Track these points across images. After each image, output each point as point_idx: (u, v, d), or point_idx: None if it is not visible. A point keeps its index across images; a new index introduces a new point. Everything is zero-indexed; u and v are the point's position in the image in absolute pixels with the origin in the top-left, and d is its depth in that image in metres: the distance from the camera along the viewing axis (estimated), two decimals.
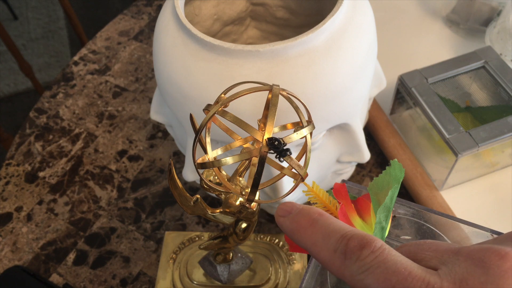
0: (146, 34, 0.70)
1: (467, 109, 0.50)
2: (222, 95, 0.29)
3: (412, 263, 0.18)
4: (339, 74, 0.35)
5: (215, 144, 0.38)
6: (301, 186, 0.28)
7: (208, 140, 0.30)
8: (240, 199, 0.32)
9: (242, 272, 0.41)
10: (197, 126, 0.30)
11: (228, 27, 0.51)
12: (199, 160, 0.29)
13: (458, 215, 0.47)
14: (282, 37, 0.53)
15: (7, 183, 0.55)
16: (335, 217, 0.22)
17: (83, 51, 0.69)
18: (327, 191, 0.28)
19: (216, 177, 0.32)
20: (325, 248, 0.20)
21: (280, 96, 0.27)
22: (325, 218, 0.21)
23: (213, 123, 0.30)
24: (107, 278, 0.47)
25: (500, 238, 0.19)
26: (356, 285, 0.18)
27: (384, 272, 0.17)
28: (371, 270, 0.18)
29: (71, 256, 0.49)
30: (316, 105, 0.35)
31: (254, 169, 0.31)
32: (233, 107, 0.32)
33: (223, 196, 0.32)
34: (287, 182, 0.38)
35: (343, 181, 0.31)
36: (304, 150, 0.30)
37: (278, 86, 0.27)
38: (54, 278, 0.48)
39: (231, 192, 0.31)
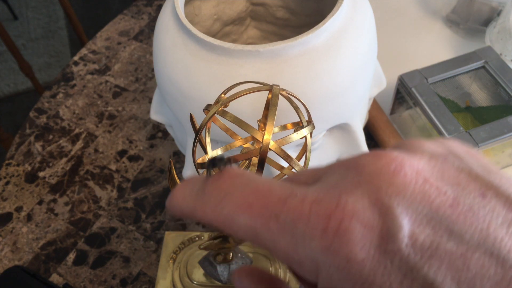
0: (146, 34, 0.70)
1: (467, 109, 0.50)
2: (222, 95, 0.29)
3: (276, 181, 0.16)
4: (339, 74, 0.35)
5: (215, 144, 0.38)
6: None
7: (208, 140, 0.30)
8: None
9: None
10: (197, 126, 0.30)
11: (228, 27, 0.51)
12: (199, 160, 0.29)
13: None
14: (282, 37, 0.53)
15: (7, 183, 0.55)
16: None
17: (83, 51, 0.69)
18: None
19: None
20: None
21: (280, 96, 0.27)
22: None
23: (213, 123, 0.30)
24: (107, 278, 0.47)
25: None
26: (217, 219, 0.16)
27: (242, 195, 0.15)
28: (228, 197, 0.15)
29: (71, 256, 0.49)
30: (316, 105, 0.35)
31: (254, 169, 0.31)
32: (233, 107, 0.32)
33: None
34: None
35: None
36: (304, 150, 0.30)
37: (278, 86, 0.27)
38: (54, 278, 0.48)
39: None
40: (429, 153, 0.15)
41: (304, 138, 0.28)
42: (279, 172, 0.31)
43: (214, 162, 0.16)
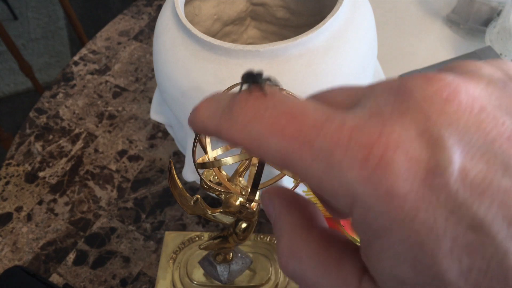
0: (146, 34, 0.70)
1: None
2: None
3: (312, 103, 0.14)
4: (339, 74, 0.35)
5: (215, 144, 0.38)
6: (301, 186, 0.28)
7: (208, 140, 0.30)
8: (240, 199, 0.32)
9: (242, 272, 0.41)
10: None
11: (228, 27, 0.51)
12: (199, 160, 0.29)
13: None
14: (282, 37, 0.53)
15: (7, 183, 0.55)
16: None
17: (83, 51, 0.69)
18: None
19: (216, 177, 0.32)
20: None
21: None
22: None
23: None
24: (107, 278, 0.47)
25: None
26: (245, 140, 0.14)
27: (274, 115, 0.14)
28: (259, 117, 0.14)
29: (71, 256, 0.49)
30: None
31: (254, 169, 0.31)
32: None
33: (223, 196, 0.32)
34: (287, 182, 0.38)
35: None
36: None
37: (278, 86, 0.27)
38: (54, 278, 0.48)
39: (231, 192, 0.31)
40: (487, 78, 0.13)
41: None
42: (279, 172, 0.31)
43: (253, 76, 0.15)
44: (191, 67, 0.35)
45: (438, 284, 0.11)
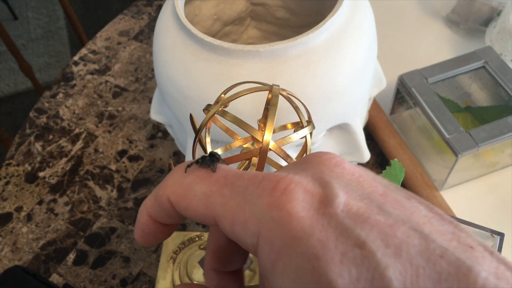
0: (146, 34, 0.70)
1: (467, 109, 0.50)
2: (222, 95, 0.29)
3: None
4: (339, 74, 0.35)
5: (215, 144, 0.38)
6: None
7: (208, 140, 0.30)
8: None
9: None
10: (197, 126, 0.30)
11: (228, 27, 0.51)
12: None
13: (458, 215, 0.47)
14: (282, 37, 0.53)
15: (7, 183, 0.55)
16: None
17: (83, 51, 0.69)
18: None
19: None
20: None
21: (280, 96, 0.27)
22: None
23: (213, 123, 0.30)
24: (107, 278, 0.47)
25: None
26: (176, 191, 0.18)
27: (204, 173, 0.18)
28: (193, 173, 0.18)
29: (71, 256, 0.49)
30: (316, 105, 0.35)
31: (254, 169, 0.31)
32: (233, 107, 0.32)
33: None
34: None
35: None
36: (304, 150, 0.30)
37: (278, 86, 0.27)
38: (54, 278, 0.48)
39: None
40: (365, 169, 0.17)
41: (304, 138, 0.28)
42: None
43: (213, 158, 0.18)
44: (191, 67, 0.35)
45: None
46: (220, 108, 0.27)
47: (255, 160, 0.31)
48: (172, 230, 0.21)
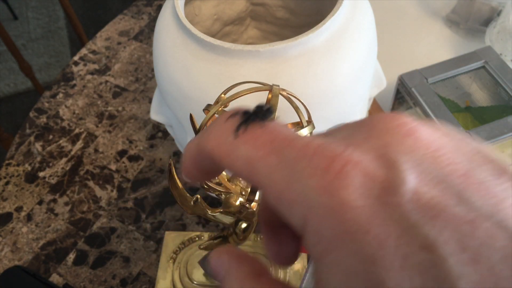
0: (146, 34, 0.70)
1: (467, 109, 0.50)
2: (222, 95, 0.29)
3: (287, 128, 0.15)
4: (339, 74, 0.35)
5: None
6: None
7: None
8: (240, 199, 0.32)
9: None
10: (197, 126, 0.30)
11: (228, 27, 0.51)
12: None
13: None
14: (282, 37, 0.53)
15: (7, 183, 0.55)
16: None
17: (83, 51, 0.69)
18: None
19: (216, 177, 0.32)
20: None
21: (280, 96, 0.27)
22: None
23: None
24: (107, 278, 0.47)
25: None
26: (218, 148, 0.15)
27: (249, 130, 0.15)
28: (245, 141, 0.15)
29: (71, 256, 0.49)
30: (316, 105, 0.35)
31: None
32: (233, 107, 0.32)
33: (223, 196, 0.32)
34: None
35: None
36: None
37: (278, 86, 0.27)
38: (54, 278, 0.48)
39: (231, 192, 0.31)
40: (447, 131, 0.14)
41: None
42: None
43: (261, 113, 0.16)
44: (191, 67, 0.35)
45: None
46: (220, 108, 0.27)
47: None
48: (221, 171, 0.18)
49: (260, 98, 0.32)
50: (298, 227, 0.13)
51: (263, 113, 0.16)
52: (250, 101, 0.34)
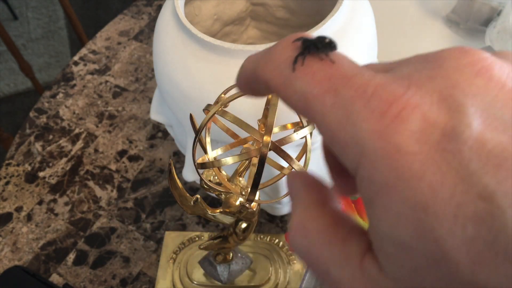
0: (146, 34, 0.70)
1: None
2: (222, 95, 0.29)
3: (348, 60, 0.15)
4: None
5: (215, 144, 0.38)
6: None
7: (208, 140, 0.30)
8: (240, 199, 0.32)
9: (242, 272, 0.42)
10: (197, 126, 0.30)
11: (228, 27, 0.51)
12: (199, 160, 0.29)
13: None
14: (282, 37, 0.53)
15: (7, 183, 0.55)
16: None
17: (83, 51, 0.69)
18: None
19: (216, 177, 0.32)
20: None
21: None
22: None
23: (213, 123, 0.30)
24: (107, 278, 0.47)
25: None
26: (276, 78, 0.15)
27: (308, 63, 0.14)
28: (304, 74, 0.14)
29: (71, 256, 0.49)
30: None
31: (254, 169, 0.31)
32: (233, 107, 0.32)
33: (223, 196, 0.32)
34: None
35: None
36: (304, 150, 0.30)
37: None
38: (54, 278, 0.48)
39: (231, 192, 0.31)
40: None
41: (304, 138, 0.28)
42: (279, 172, 0.31)
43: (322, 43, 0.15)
44: (191, 67, 0.35)
45: (437, 252, 0.11)
46: (220, 108, 0.27)
47: (255, 160, 0.31)
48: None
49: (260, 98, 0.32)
50: (351, 169, 0.13)
51: (324, 45, 0.15)
52: (250, 101, 0.34)
